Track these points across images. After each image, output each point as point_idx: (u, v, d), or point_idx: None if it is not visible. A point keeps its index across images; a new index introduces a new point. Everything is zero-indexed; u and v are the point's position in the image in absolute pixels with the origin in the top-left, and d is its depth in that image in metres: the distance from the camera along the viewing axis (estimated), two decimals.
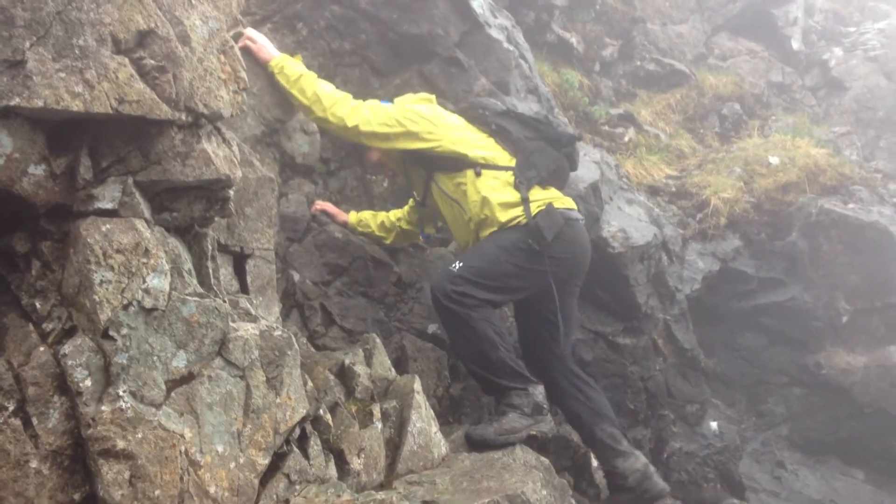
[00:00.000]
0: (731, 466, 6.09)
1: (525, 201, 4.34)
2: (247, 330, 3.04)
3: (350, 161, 5.38)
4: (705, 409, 6.29)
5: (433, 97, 4.70)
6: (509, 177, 4.40)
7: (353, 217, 4.99)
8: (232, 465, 2.88)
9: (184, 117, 2.80)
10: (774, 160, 7.56)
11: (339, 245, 4.94)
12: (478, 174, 4.40)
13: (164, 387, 2.73)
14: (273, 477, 3.08)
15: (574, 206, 4.61)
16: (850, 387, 6.60)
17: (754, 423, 6.64)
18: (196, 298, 2.86)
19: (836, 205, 6.93)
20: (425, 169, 4.56)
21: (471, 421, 4.85)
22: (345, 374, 3.86)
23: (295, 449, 3.20)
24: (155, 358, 2.72)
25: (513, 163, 4.45)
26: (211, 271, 3.13)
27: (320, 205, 4.95)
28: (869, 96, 10.20)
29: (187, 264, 2.96)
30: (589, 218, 5.66)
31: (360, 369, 3.91)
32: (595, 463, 5.14)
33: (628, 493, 4.54)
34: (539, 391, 4.29)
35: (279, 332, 3.19)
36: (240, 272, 3.62)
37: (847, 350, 6.76)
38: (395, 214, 5.04)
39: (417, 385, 4.05)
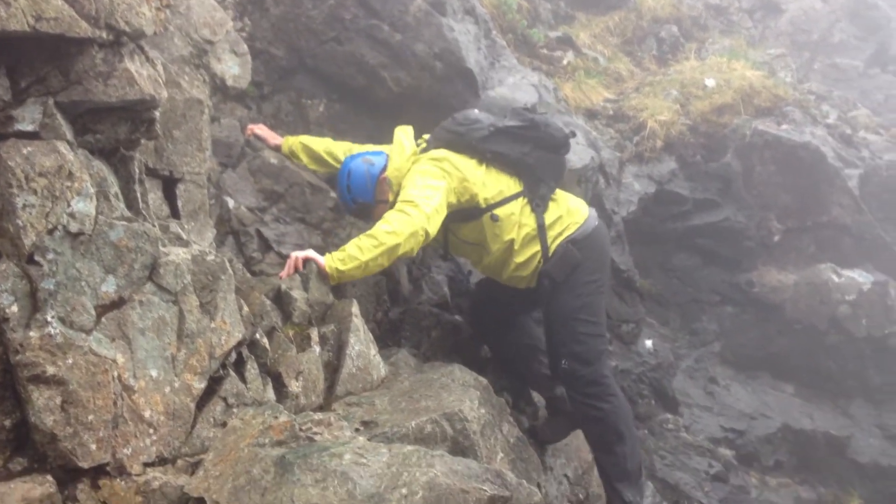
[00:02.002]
0: (665, 383, 6.25)
1: (541, 228, 4.31)
2: (178, 254, 3.01)
3: (284, 85, 5.27)
4: (640, 328, 6.42)
5: (408, 129, 4.55)
6: (523, 203, 4.35)
7: (284, 146, 4.87)
8: (167, 389, 2.87)
9: (104, 35, 2.71)
10: (710, 82, 7.61)
11: (275, 171, 4.87)
12: (494, 219, 4.31)
13: (93, 312, 2.69)
14: (210, 401, 3.08)
15: (584, 213, 4.49)
16: (780, 304, 6.78)
17: (688, 341, 6.79)
18: (124, 222, 2.81)
19: (770, 126, 7.02)
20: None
21: (410, 344, 4.89)
22: (281, 299, 3.85)
23: (231, 373, 3.20)
24: (83, 283, 2.68)
25: (520, 186, 4.37)
26: (139, 195, 3.07)
27: (253, 128, 4.85)
28: (804, 19, 10.28)
29: (114, 188, 2.90)
30: None
31: (297, 294, 3.89)
32: None
33: (567, 415, 4.65)
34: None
35: (212, 257, 3.16)
36: (170, 197, 3.56)
37: (778, 268, 6.93)
38: (330, 152, 4.82)
39: (355, 308, 4.05)
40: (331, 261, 3.97)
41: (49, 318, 2.57)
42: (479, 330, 5.08)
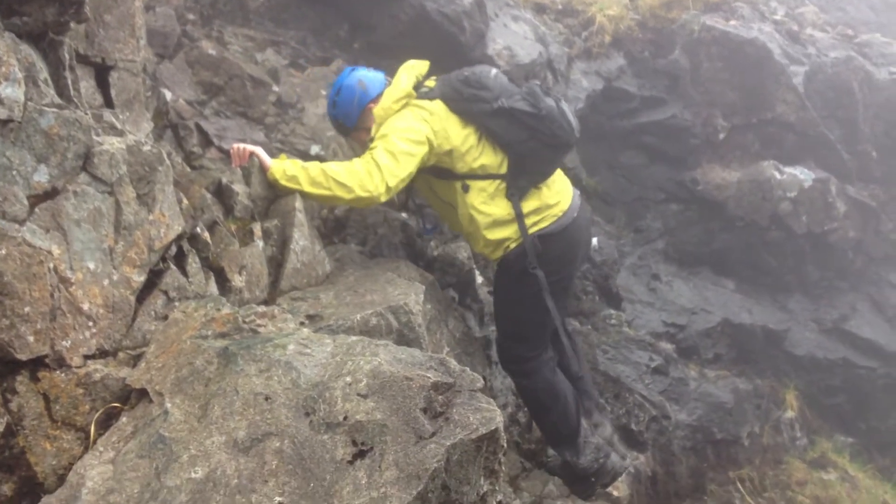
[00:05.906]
0: (610, 280, 6.31)
1: (519, 217, 4.12)
2: (112, 144, 2.91)
3: None
4: None
5: (414, 66, 4.26)
6: (500, 185, 4.13)
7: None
8: (105, 282, 2.82)
9: None
10: None
11: (214, 62, 4.72)
12: (465, 189, 4.11)
13: (26, 202, 2.60)
14: (150, 294, 3.04)
15: (568, 199, 4.30)
16: (724, 201, 6.85)
17: (632, 239, 6.87)
18: (55, 109, 2.70)
19: (718, 21, 6.98)
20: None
21: (356, 241, 4.86)
22: (223, 193, 3.78)
23: (172, 266, 3.15)
24: (14, 172, 2.58)
25: (503, 169, 4.13)
26: (70, 82, 2.94)
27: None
28: None
29: (43, 74, 2.77)
30: (474, 35, 5.55)
31: (239, 188, 3.82)
32: (480, 279, 5.26)
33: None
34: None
35: (148, 147, 3.06)
36: (103, 85, 3.41)
37: (722, 166, 6.98)
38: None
39: (299, 203, 3.99)
40: (277, 169, 3.87)
41: None
42: None
